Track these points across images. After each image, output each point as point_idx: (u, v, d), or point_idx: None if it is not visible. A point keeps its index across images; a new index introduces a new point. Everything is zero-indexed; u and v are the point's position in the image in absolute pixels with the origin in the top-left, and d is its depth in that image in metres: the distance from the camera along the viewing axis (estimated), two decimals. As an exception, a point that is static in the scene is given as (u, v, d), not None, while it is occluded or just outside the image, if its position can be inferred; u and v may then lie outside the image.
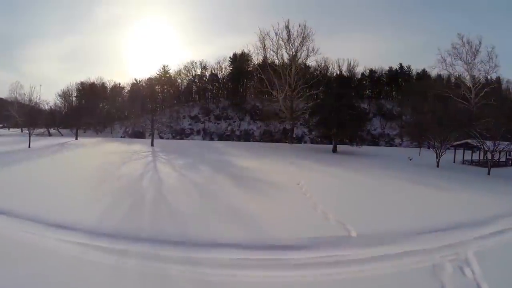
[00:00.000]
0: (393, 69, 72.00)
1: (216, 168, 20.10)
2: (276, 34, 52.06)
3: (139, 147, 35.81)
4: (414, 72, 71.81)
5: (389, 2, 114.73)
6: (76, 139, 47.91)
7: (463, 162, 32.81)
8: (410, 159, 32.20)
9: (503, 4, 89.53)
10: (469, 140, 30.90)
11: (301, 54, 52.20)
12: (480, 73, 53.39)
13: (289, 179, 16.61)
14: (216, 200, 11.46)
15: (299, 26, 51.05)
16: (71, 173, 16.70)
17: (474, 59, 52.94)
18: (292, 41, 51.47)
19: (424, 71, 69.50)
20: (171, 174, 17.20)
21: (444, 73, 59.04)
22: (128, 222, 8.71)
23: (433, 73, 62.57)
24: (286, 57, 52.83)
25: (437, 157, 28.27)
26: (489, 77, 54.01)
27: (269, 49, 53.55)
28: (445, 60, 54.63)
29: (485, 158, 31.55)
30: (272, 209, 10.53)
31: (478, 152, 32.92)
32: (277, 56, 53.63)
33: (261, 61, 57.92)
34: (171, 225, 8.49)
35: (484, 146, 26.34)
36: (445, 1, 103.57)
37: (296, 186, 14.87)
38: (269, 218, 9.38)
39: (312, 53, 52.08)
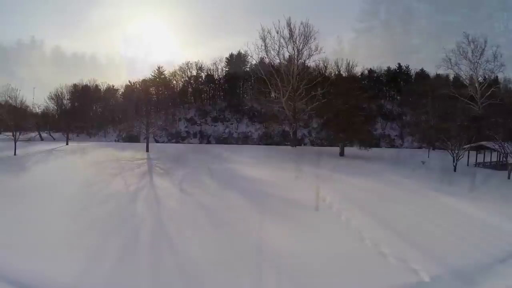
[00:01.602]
0: (392, 69, 70.62)
1: (222, 181, 17.61)
2: (277, 32, 50.00)
3: (133, 153, 32.97)
4: (413, 72, 70.53)
5: (382, 2, 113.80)
6: (67, 144, 44.89)
7: (476, 165, 31.40)
8: (423, 163, 30.83)
9: (500, 5, 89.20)
10: (483, 142, 29.88)
11: (303, 54, 50.28)
12: (485, 72, 52.30)
13: (311, 195, 14.13)
14: (236, 235, 8.87)
15: (301, 24, 49.17)
16: (48, 195, 13.60)
17: (480, 58, 51.78)
18: (294, 40, 49.51)
19: (422, 70, 68.28)
20: (171, 192, 14.58)
21: (448, 72, 57.74)
22: (117, 282, 6.06)
23: (432, 73, 61.58)
24: (287, 56, 50.90)
25: (454, 161, 26.90)
26: (493, 76, 52.96)
27: (270, 48, 51.47)
28: (450, 60, 53.33)
29: (498, 161, 30.64)
30: (311, 245, 8.11)
31: (490, 154, 31.84)
32: (278, 56, 51.60)
33: (260, 60, 55.76)
34: (181, 288, 5.84)
35: (505, 149, 25.14)
36: (443, 1, 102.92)
37: (323, 204, 12.52)
38: (313, 263, 6.93)
39: (315, 52, 50.16)
